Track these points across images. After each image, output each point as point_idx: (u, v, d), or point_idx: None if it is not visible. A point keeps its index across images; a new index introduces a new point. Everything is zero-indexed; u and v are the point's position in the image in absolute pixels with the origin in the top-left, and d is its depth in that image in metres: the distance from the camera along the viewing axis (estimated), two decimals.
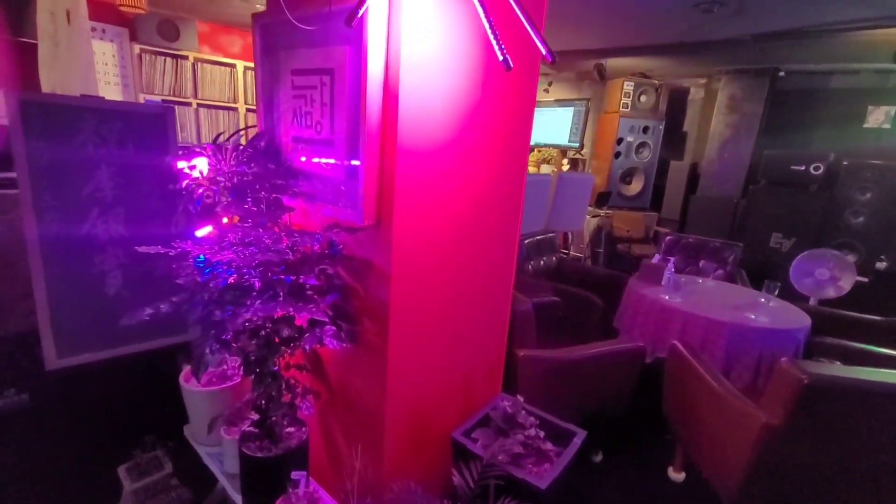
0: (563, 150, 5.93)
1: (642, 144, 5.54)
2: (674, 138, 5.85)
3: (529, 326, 2.00)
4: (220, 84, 4.59)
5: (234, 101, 4.74)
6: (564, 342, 2.16)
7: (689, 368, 1.93)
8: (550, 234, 3.56)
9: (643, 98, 5.38)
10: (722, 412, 1.74)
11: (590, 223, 4.96)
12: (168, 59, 4.20)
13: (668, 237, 3.78)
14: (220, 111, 4.66)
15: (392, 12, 1.00)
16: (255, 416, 1.26)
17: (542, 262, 3.37)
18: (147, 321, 1.09)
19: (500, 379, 1.70)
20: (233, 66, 4.64)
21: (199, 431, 1.49)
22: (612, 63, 5.05)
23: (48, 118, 1.57)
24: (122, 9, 2.59)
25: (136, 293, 1.77)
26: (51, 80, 2.16)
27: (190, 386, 1.45)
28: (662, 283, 2.70)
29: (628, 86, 5.30)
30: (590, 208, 4.85)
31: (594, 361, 1.97)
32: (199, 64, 4.40)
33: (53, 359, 1.63)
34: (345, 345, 1.22)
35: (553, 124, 5.70)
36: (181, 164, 1.13)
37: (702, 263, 3.54)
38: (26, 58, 2.84)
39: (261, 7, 4.03)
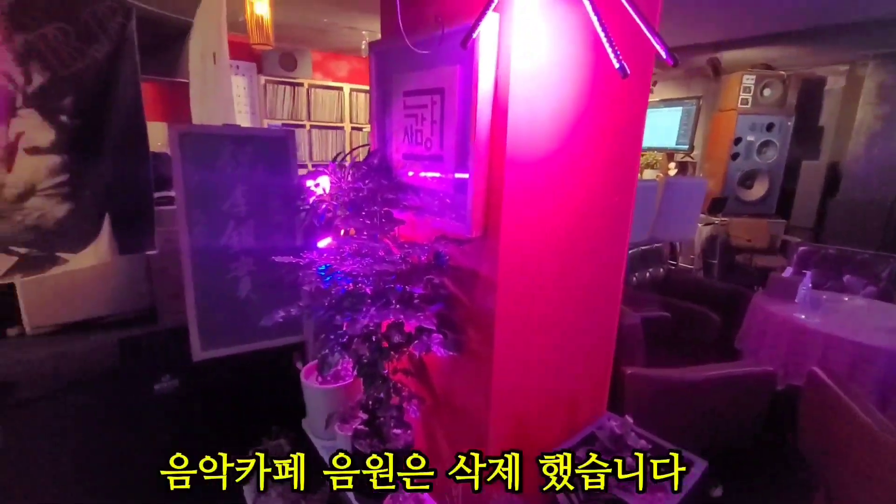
0: (670, 154, 5.53)
1: (766, 143, 4.96)
2: (806, 135, 5.15)
3: (638, 342, 1.89)
4: (329, 106, 5.01)
5: (341, 122, 5.14)
6: (676, 361, 2.00)
7: (833, 399, 1.67)
8: (657, 245, 3.33)
9: (767, 92, 4.83)
10: (876, 452, 1.48)
11: (701, 231, 4.55)
12: (287, 88, 4.70)
13: (800, 247, 3.33)
14: (329, 131, 5.09)
15: (503, 29, 1.02)
16: (365, 416, 1.34)
17: (647, 274, 3.17)
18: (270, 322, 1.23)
19: (605, 397, 1.62)
20: (340, 88, 5.04)
21: (317, 425, 1.62)
22: (728, 56, 4.62)
23: (198, 146, 1.83)
24: (255, 47, 2.96)
25: (262, 297, 1.99)
26: (200, 114, 2.52)
27: (310, 382, 1.59)
28: (796, 300, 2.38)
29: (748, 79, 4.79)
30: (701, 216, 4.45)
31: (713, 384, 1.79)
32: (313, 89, 4.86)
33: (198, 351, 1.89)
34: (451, 353, 1.25)
35: (659, 126, 5.34)
36: (309, 183, 1.25)
37: (846, 279, 3.06)
38: (177, 94, 3.35)
39: (367, 35, 4.33)
